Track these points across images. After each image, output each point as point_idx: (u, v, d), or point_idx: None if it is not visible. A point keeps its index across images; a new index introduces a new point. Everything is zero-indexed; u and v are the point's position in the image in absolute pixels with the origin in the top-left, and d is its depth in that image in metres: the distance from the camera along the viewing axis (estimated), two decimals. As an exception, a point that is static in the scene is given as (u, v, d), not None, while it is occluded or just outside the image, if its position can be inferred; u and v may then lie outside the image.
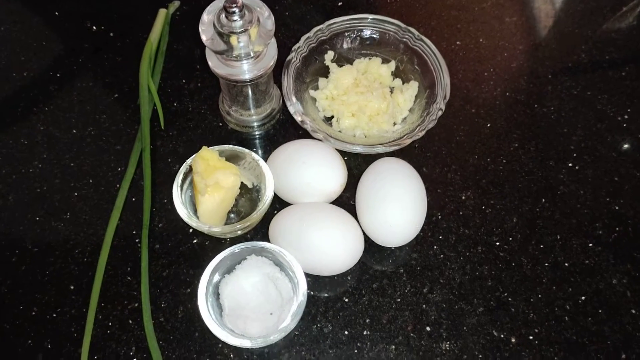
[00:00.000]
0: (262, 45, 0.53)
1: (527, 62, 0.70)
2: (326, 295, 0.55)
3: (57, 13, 0.73)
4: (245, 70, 0.55)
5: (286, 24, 0.72)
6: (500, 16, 0.74)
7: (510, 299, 0.55)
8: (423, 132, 0.58)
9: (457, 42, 0.71)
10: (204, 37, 0.53)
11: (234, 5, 0.50)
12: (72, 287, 0.55)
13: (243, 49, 0.52)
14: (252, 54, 0.53)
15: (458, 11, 0.74)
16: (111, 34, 0.71)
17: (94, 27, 0.72)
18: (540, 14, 0.74)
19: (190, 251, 0.57)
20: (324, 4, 0.74)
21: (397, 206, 0.53)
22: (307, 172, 0.55)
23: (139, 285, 0.55)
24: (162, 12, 0.70)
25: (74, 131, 0.64)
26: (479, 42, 0.71)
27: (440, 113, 0.59)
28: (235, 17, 0.51)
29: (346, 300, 0.55)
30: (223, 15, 0.52)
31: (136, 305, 0.54)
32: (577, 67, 0.70)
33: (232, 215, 0.58)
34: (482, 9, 0.74)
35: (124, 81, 0.67)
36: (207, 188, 0.53)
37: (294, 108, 0.59)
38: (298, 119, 0.58)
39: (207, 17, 0.53)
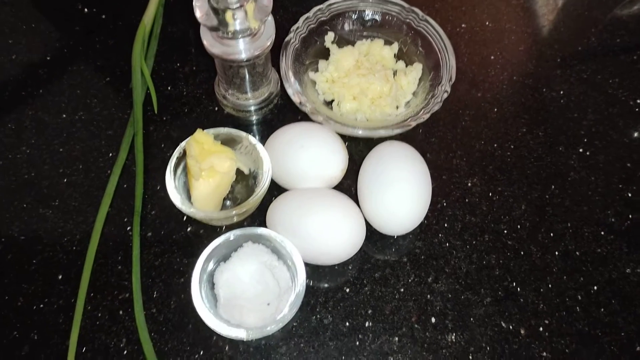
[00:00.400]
0: (258, 21, 0.50)
1: (535, 45, 0.67)
2: (326, 285, 0.53)
3: (46, -5, 0.71)
4: (242, 50, 0.52)
5: (284, 6, 0.69)
6: (506, -1, 0.71)
7: (519, 289, 0.53)
8: (428, 115, 0.55)
9: (462, 25, 0.68)
10: (198, 13, 0.50)
11: (230, -21, 0.48)
12: (60, 277, 0.53)
13: (239, 25, 0.50)
14: (248, 32, 0.51)
15: (463, -7, 0.71)
16: (103, 17, 0.69)
17: (86, 10, 0.69)
18: (548, -4, 0.72)
19: (184, 239, 0.55)
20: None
21: (401, 191, 0.50)
22: (306, 156, 0.52)
23: (130, 275, 0.52)
24: (156, -7, 0.68)
25: (64, 116, 0.61)
26: (484, 25, 0.69)
27: (445, 95, 0.56)
28: (231, -8, 0.49)
29: (347, 290, 0.52)
30: (218, -10, 0.49)
31: (127, 295, 0.52)
32: (586, 50, 0.67)
33: (227, 202, 0.56)
34: (488, -9, 0.72)
35: (116, 65, 0.65)
36: (201, 172, 0.51)
37: (293, 89, 0.56)
38: (296, 100, 0.56)
39: (201, -8, 0.50)
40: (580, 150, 0.60)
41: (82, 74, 0.64)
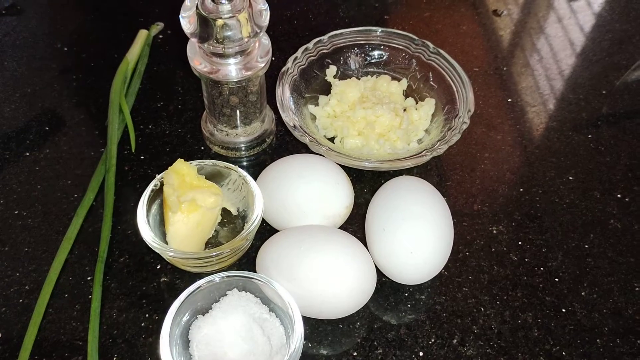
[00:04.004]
0: (250, 35, 0.44)
1: (555, 88, 0.62)
2: (328, 347, 0.43)
3: (26, 34, 0.65)
4: (232, 69, 0.46)
5: (281, 48, 0.64)
6: (520, 43, 0.67)
7: (564, 353, 0.43)
8: (446, 147, 0.48)
9: (475, 69, 0.63)
10: (185, 25, 0.44)
11: (222, -15, 0.43)
12: (-1, 335, 0.43)
13: (230, 38, 0.44)
14: (240, 44, 0.44)
15: (473, 39, 0.67)
16: (83, 55, 0.63)
17: (65, 48, 0.64)
18: (565, 43, 0.67)
19: (156, 292, 0.45)
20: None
21: (419, 228, 0.42)
22: (304, 189, 0.44)
23: (86, 333, 0.42)
24: (142, 33, 0.63)
25: (27, 153, 0.54)
26: (499, 68, 0.63)
27: (465, 127, 0.49)
28: (223, 0, 0.43)
29: (354, 354, 0.42)
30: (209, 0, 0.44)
31: (80, 358, 0.42)
32: (611, 93, 0.61)
33: (210, 247, 0.47)
34: (500, 36, 0.67)
35: (93, 103, 0.58)
36: (180, 204, 0.42)
37: (289, 116, 0.49)
38: (291, 124, 0.49)
39: (190, 1, 0.45)
40: (619, 196, 0.53)
41: (54, 111, 0.58)
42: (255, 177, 0.48)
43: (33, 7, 0.69)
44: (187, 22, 0.44)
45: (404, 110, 0.54)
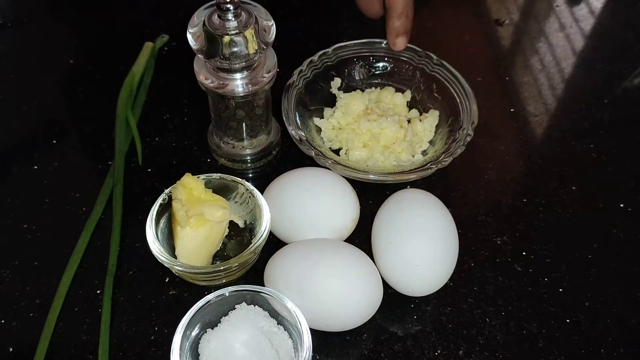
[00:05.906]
0: (257, 51, 0.45)
1: (557, 97, 0.62)
2: (336, 359, 0.43)
3: (31, 47, 0.66)
4: (239, 84, 0.47)
5: (286, 59, 0.64)
6: (522, 53, 0.67)
7: (569, 364, 0.44)
8: (450, 159, 0.48)
9: (478, 79, 0.63)
10: (192, 41, 0.45)
11: (228, 2, 0.43)
12: (10, 349, 0.43)
13: (237, 54, 0.44)
14: (246, 61, 0.45)
15: (475, 48, 0.67)
16: (89, 68, 0.64)
17: (71, 61, 0.64)
18: (567, 51, 0.68)
19: (165, 305, 0.46)
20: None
21: (425, 241, 0.42)
22: (311, 202, 0.45)
23: (97, 346, 0.43)
24: (147, 45, 0.63)
25: (35, 167, 0.54)
26: (501, 78, 0.64)
27: (469, 139, 0.50)
28: (230, 17, 0.43)
29: (361, 365, 0.43)
30: (215, 16, 0.44)
31: (91, 371, 0.42)
32: (612, 101, 0.62)
33: (217, 261, 0.47)
34: (503, 46, 0.68)
35: (100, 115, 0.59)
36: (188, 219, 0.43)
37: (295, 130, 0.50)
38: (297, 138, 0.49)
39: (197, 17, 0.45)
40: (622, 205, 0.53)
41: (61, 124, 0.58)
42: (261, 189, 0.48)
43: (38, 20, 0.69)
44: (194, 38, 0.45)
45: (408, 121, 0.55)
